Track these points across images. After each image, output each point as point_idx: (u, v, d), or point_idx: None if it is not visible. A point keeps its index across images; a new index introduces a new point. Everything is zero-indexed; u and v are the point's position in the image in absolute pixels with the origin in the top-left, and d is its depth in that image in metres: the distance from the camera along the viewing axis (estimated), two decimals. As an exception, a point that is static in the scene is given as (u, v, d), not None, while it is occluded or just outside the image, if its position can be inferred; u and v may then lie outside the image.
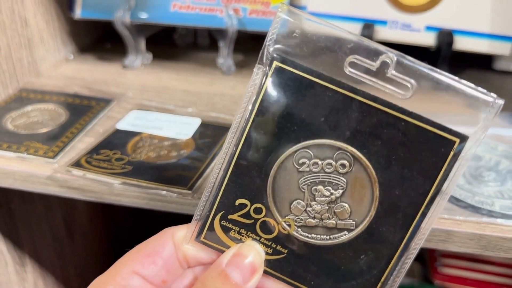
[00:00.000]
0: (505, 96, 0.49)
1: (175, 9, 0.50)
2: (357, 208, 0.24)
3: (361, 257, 0.24)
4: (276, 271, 0.25)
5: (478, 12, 0.47)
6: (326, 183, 0.23)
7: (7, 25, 0.44)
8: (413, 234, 0.23)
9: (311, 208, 0.24)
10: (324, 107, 0.23)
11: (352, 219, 0.24)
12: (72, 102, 0.44)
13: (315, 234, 0.24)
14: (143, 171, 0.34)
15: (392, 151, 0.22)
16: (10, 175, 0.36)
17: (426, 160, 0.22)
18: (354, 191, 0.23)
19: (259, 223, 0.24)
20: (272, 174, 0.24)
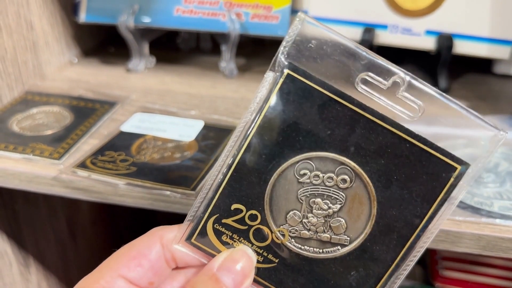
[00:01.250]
0: (505, 99, 0.50)
1: (178, 13, 0.50)
2: (353, 224, 0.24)
3: (352, 273, 0.24)
4: (265, 280, 0.25)
5: (477, 17, 0.48)
6: (325, 197, 0.24)
7: (13, 28, 0.45)
8: (406, 255, 0.23)
9: (307, 220, 0.24)
10: (331, 121, 0.23)
11: (346, 235, 0.24)
12: (77, 104, 0.44)
13: (308, 246, 0.24)
14: (147, 172, 0.34)
15: (394, 171, 0.23)
16: (16, 176, 0.36)
17: (426, 183, 0.23)
18: (352, 207, 0.24)
19: (253, 230, 0.24)
20: (272, 182, 0.24)
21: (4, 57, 0.44)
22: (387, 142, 0.23)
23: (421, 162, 0.22)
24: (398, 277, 0.24)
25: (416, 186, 0.23)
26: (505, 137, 0.22)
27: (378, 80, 0.22)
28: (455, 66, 0.54)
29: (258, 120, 0.23)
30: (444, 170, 0.22)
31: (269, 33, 0.50)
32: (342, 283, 0.24)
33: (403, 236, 0.23)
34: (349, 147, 0.23)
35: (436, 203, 0.23)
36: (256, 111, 0.23)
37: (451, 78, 0.53)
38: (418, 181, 0.23)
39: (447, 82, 0.50)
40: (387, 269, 0.24)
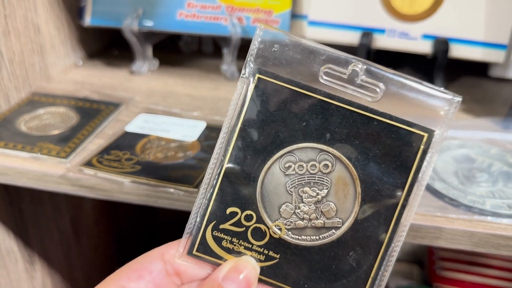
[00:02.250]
0: (500, 102, 0.51)
1: (181, 17, 0.52)
2: (342, 205, 0.25)
3: (350, 253, 0.25)
4: (270, 278, 0.26)
5: (473, 21, 0.49)
6: (312, 184, 0.25)
7: (21, 32, 0.46)
8: (395, 227, 0.25)
9: (299, 209, 0.25)
10: (304, 113, 0.25)
11: (338, 217, 0.25)
12: (82, 105, 0.45)
13: (305, 236, 0.25)
14: (151, 171, 0.35)
15: (368, 149, 0.25)
16: (25, 174, 0.37)
17: (400, 154, 0.24)
18: (338, 190, 0.25)
19: (251, 230, 0.25)
20: (260, 180, 0.25)
21: (12, 60, 0.45)
22: (357, 123, 0.24)
23: (391, 136, 0.24)
24: (392, 252, 0.25)
25: (391, 158, 0.24)
26: (459, 101, 0.24)
27: (338, 70, 0.24)
28: (451, 69, 0.55)
29: (238, 124, 0.25)
30: (413, 140, 0.24)
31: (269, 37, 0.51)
32: (343, 266, 0.25)
33: (389, 208, 0.25)
34: (325, 134, 0.25)
35: (413, 170, 0.24)
36: (235, 117, 0.25)
37: (447, 81, 0.54)
38: (392, 154, 0.24)
39: (443, 85, 0.51)
40: (382, 243, 0.25)
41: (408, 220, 0.25)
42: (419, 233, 0.32)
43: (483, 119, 0.46)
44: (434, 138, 0.24)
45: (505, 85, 0.54)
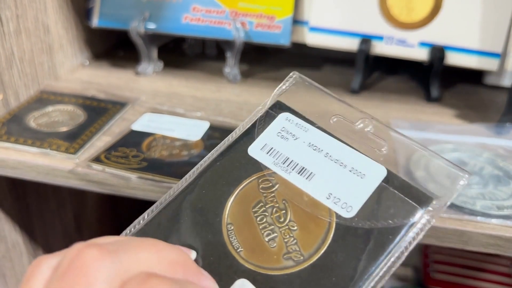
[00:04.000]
0: (493, 109, 0.53)
1: (186, 21, 0.53)
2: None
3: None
4: None
5: (468, 30, 0.51)
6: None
7: (31, 31, 0.48)
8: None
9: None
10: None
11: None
12: (90, 104, 0.47)
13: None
14: (157, 167, 0.37)
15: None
16: (34, 169, 0.39)
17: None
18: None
19: None
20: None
21: (22, 58, 0.47)
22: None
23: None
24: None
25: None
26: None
27: (348, 120, 0.26)
28: (447, 76, 0.57)
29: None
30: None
31: (271, 41, 0.53)
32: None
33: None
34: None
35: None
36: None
37: (443, 88, 0.55)
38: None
39: (438, 91, 0.53)
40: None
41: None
42: (412, 231, 0.34)
43: (477, 125, 0.48)
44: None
45: (499, 92, 0.56)
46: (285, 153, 0.25)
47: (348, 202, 0.23)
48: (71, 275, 0.18)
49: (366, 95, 0.54)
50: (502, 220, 0.33)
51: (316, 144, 0.25)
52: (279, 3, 0.52)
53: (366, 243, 0.22)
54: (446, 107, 0.52)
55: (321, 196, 0.24)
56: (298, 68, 0.61)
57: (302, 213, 0.23)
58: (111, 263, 0.19)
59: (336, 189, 0.24)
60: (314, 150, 0.25)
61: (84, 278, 0.18)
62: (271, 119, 0.27)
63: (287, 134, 0.26)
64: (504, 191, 0.37)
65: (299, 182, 0.24)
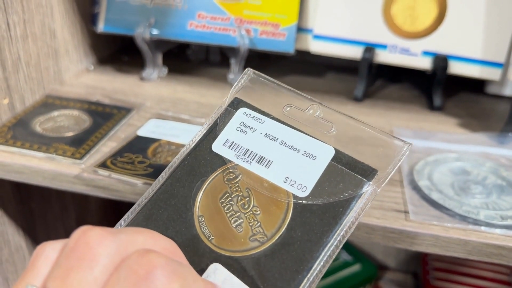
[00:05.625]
0: (495, 118, 0.53)
1: (191, 27, 0.54)
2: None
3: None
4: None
5: (471, 40, 0.51)
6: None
7: (38, 36, 0.48)
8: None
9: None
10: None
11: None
12: (95, 109, 0.47)
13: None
14: (163, 173, 0.37)
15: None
16: (40, 174, 0.39)
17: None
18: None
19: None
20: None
21: (28, 63, 0.47)
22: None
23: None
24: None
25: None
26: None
27: (299, 107, 0.28)
28: (450, 85, 0.57)
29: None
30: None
31: (276, 49, 0.53)
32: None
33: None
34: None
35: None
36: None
37: (445, 97, 0.56)
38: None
39: (441, 100, 0.53)
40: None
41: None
42: (416, 240, 0.34)
43: (479, 134, 0.48)
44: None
45: (501, 101, 0.56)
46: (245, 146, 0.28)
47: (303, 183, 0.26)
48: (77, 252, 0.20)
49: (369, 103, 0.54)
50: (506, 230, 0.34)
51: (272, 134, 0.28)
52: (284, 11, 0.52)
53: (321, 217, 0.25)
54: (448, 116, 0.52)
55: (279, 180, 0.26)
56: (301, 75, 0.62)
57: (263, 198, 0.26)
58: (112, 241, 0.21)
59: (291, 172, 0.26)
60: (271, 140, 0.28)
61: (89, 254, 0.20)
62: (230, 116, 0.29)
63: (246, 127, 0.28)
64: (507, 201, 0.37)
65: (259, 170, 0.27)
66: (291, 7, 0.53)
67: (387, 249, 0.83)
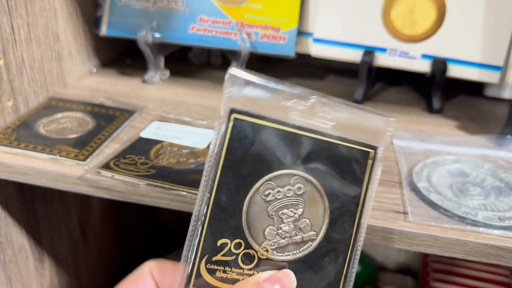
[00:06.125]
0: (494, 121, 0.54)
1: (193, 31, 0.54)
2: (315, 220, 0.29)
3: (325, 259, 0.29)
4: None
5: (470, 43, 0.52)
6: (289, 206, 0.28)
7: (41, 39, 0.49)
8: (358, 228, 0.29)
9: (281, 230, 0.28)
10: (277, 144, 0.28)
11: (313, 231, 0.29)
12: (98, 111, 0.48)
13: (288, 252, 0.29)
14: (165, 175, 0.38)
15: (331, 168, 0.28)
16: (44, 175, 0.39)
17: (354, 169, 0.29)
18: (311, 207, 0.29)
19: (240, 256, 0.28)
20: (245, 210, 0.28)
21: (32, 66, 0.48)
22: (320, 148, 0.28)
23: (346, 155, 0.29)
24: (357, 251, 0.29)
25: (348, 174, 0.29)
26: (395, 121, 0.29)
27: (301, 103, 0.28)
28: (449, 88, 0.58)
29: (220, 162, 0.27)
30: (363, 156, 0.29)
31: (276, 52, 0.54)
32: (321, 271, 0.29)
33: (351, 215, 0.29)
34: (296, 160, 0.28)
35: (365, 181, 0.29)
36: (216, 154, 0.28)
37: (444, 99, 0.56)
38: (349, 170, 0.29)
39: (440, 103, 0.54)
40: (348, 245, 0.29)
41: (366, 221, 0.29)
42: (415, 241, 0.35)
43: (478, 136, 0.48)
44: (378, 153, 0.29)
45: (500, 104, 0.57)
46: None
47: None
48: None
49: (369, 105, 0.55)
50: (504, 231, 0.34)
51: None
52: (285, 15, 0.53)
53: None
54: (447, 119, 0.53)
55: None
56: (302, 78, 0.62)
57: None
58: None
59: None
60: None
61: None
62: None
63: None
64: (505, 203, 0.38)
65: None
66: (291, 11, 0.53)
67: (387, 251, 0.83)
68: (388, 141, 0.29)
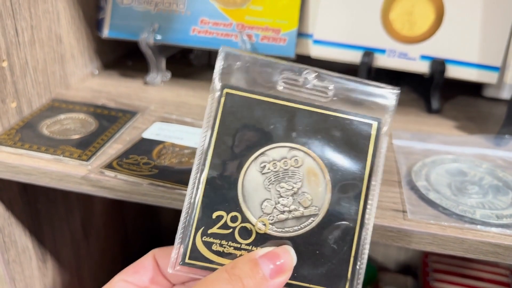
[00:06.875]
0: (492, 120, 0.54)
1: (194, 33, 0.55)
2: (316, 194, 0.27)
3: (330, 237, 0.27)
4: None
5: (468, 44, 0.52)
6: (287, 178, 0.27)
7: (44, 42, 0.49)
8: (365, 203, 0.27)
9: (279, 203, 0.27)
10: (270, 117, 0.28)
11: (314, 205, 0.27)
12: (101, 112, 0.48)
13: (288, 227, 0.27)
14: (167, 174, 0.38)
15: (330, 141, 0.28)
16: (48, 175, 0.40)
17: (357, 141, 0.28)
18: (310, 180, 0.27)
19: (237, 230, 0.27)
20: (240, 182, 0.27)
21: (36, 68, 0.48)
22: (317, 121, 0.28)
23: (346, 127, 0.28)
24: (367, 226, 0.27)
25: (350, 146, 0.28)
26: (399, 92, 0.29)
27: (293, 78, 0.28)
28: (447, 88, 0.59)
29: (214, 135, 0.27)
30: (365, 128, 0.28)
31: (277, 53, 0.54)
32: (326, 250, 0.27)
33: (356, 188, 0.28)
34: (291, 133, 0.28)
35: (370, 154, 0.28)
36: (210, 128, 0.28)
37: (443, 100, 0.57)
38: (350, 143, 0.28)
39: (439, 103, 0.54)
40: (355, 222, 0.27)
41: (374, 195, 0.28)
42: (414, 239, 0.35)
43: (476, 136, 0.49)
44: (382, 124, 0.28)
45: (498, 104, 0.57)
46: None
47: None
48: None
49: (368, 106, 0.55)
50: (501, 229, 0.35)
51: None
52: (285, 17, 0.54)
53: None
54: (446, 119, 0.53)
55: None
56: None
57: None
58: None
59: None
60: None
61: None
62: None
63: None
64: (503, 201, 0.38)
65: None
66: (291, 13, 0.54)
67: (387, 251, 0.84)
68: (393, 114, 0.28)
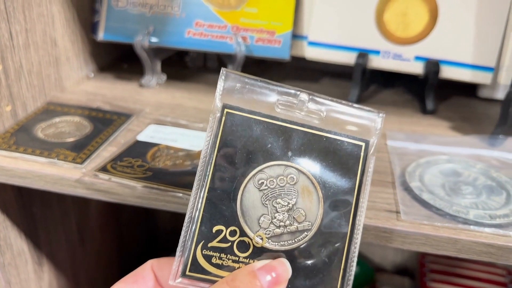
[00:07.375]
0: (487, 121, 0.54)
1: (189, 35, 0.55)
2: (309, 210, 0.29)
3: (322, 250, 0.29)
4: None
5: (462, 45, 0.52)
6: (283, 195, 0.29)
7: (39, 45, 0.49)
8: (354, 218, 0.29)
9: (275, 219, 0.29)
10: (268, 137, 0.29)
11: (308, 221, 0.29)
12: (96, 115, 0.48)
13: (283, 241, 0.29)
14: (161, 177, 0.38)
15: (322, 160, 0.29)
16: (42, 178, 0.40)
17: (347, 161, 0.30)
18: (304, 197, 0.29)
19: (236, 244, 0.29)
20: (239, 198, 0.29)
21: (30, 71, 0.48)
22: (311, 141, 0.29)
23: (337, 148, 0.30)
24: (356, 240, 0.29)
25: (341, 166, 0.29)
26: (384, 116, 0.30)
27: (289, 100, 0.30)
28: (442, 89, 0.59)
29: (214, 152, 0.29)
30: (355, 149, 0.30)
31: (271, 55, 0.55)
32: (318, 262, 0.29)
33: (346, 205, 0.29)
34: (287, 152, 0.29)
35: (359, 173, 0.29)
36: (211, 146, 0.29)
37: (438, 100, 0.57)
38: (341, 162, 0.29)
39: (433, 104, 0.55)
40: (345, 236, 0.29)
41: (362, 214, 0.29)
42: (407, 239, 0.35)
43: (470, 137, 0.49)
44: (369, 146, 0.30)
45: (492, 105, 0.57)
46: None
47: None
48: None
49: (363, 107, 0.55)
50: (495, 229, 0.35)
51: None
52: (280, 19, 0.54)
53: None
54: (441, 119, 0.53)
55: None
56: (297, 81, 0.63)
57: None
58: None
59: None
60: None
61: None
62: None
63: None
64: (496, 201, 0.38)
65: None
66: (286, 15, 0.54)
67: (384, 252, 0.84)
68: (379, 136, 0.30)
